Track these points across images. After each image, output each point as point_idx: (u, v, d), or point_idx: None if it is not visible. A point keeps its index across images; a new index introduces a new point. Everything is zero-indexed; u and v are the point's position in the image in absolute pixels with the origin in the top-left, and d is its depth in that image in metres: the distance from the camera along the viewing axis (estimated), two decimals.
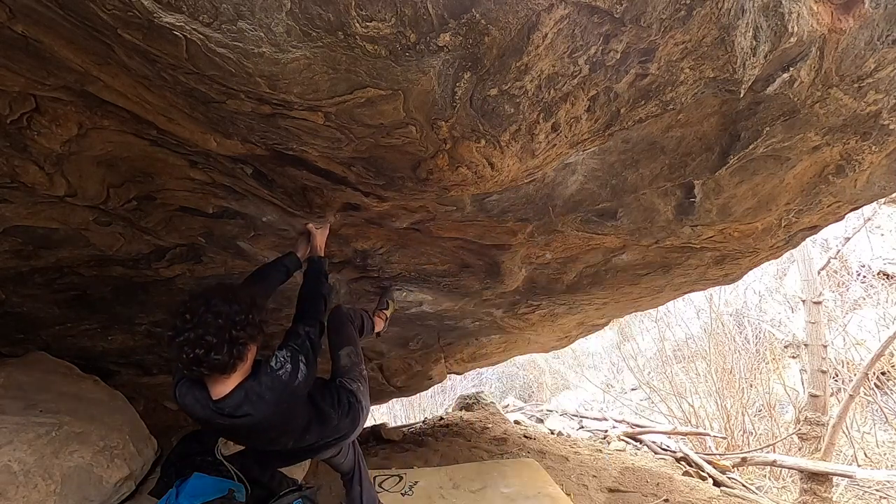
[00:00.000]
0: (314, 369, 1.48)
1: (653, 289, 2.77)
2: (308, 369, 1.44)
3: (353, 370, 1.81)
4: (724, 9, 1.05)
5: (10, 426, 1.76)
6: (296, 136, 1.20)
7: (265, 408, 1.35)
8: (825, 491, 4.63)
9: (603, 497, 3.17)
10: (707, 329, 7.67)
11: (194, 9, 0.83)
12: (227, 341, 1.23)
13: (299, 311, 1.61)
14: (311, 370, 1.46)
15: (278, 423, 1.44)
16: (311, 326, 1.53)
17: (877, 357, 4.80)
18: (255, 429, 1.40)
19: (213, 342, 1.21)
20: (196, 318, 1.22)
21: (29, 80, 1.14)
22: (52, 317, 2.35)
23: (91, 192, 1.55)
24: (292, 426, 1.51)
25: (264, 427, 1.41)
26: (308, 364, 1.44)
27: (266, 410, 1.35)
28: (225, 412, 1.31)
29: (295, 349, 1.44)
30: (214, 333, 1.22)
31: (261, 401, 1.33)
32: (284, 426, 1.48)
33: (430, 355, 3.83)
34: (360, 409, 1.70)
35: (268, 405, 1.35)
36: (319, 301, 1.64)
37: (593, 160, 1.56)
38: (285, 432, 1.52)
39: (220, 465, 2.33)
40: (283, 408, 1.40)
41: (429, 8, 0.90)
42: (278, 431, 1.49)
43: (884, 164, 1.81)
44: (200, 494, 2.07)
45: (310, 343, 1.49)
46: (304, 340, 1.48)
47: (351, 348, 1.87)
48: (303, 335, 1.49)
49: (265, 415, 1.36)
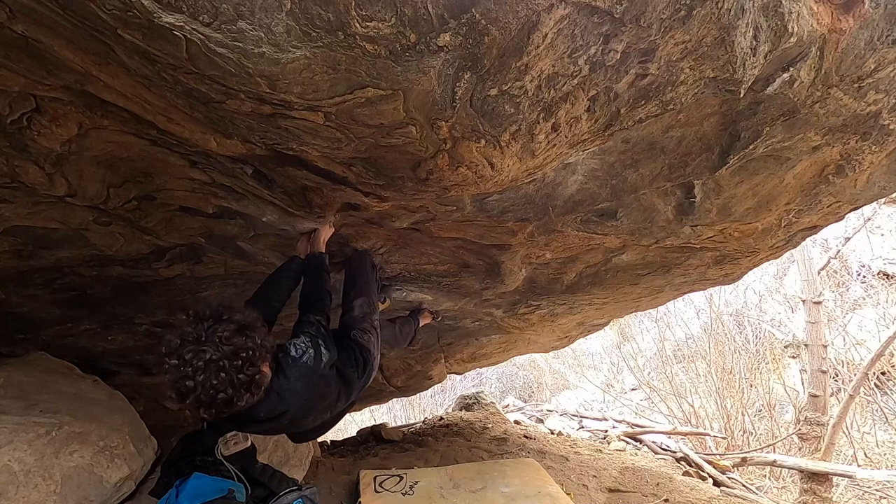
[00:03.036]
0: (334, 353, 1.48)
1: (653, 289, 2.77)
2: (330, 352, 1.44)
3: (365, 321, 1.80)
4: (724, 9, 1.05)
5: (10, 426, 1.76)
6: (296, 136, 1.20)
7: (299, 399, 1.35)
8: (825, 491, 4.63)
9: (603, 497, 3.17)
10: (707, 329, 7.66)
11: (194, 9, 0.83)
12: (239, 384, 1.14)
13: (306, 303, 1.60)
14: (333, 353, 1.46)
15: (315, 406, 1.45)
16: (319, 315, 1.52)
17: (877, 357, 4.80)
18: (295, 418, 1.40)
19: (226, 391, 1.13)
20: (196, 384, 1.10)
21: (29, 80, 1.14)
22: (52, 317, 2.35)
23: (91, 192, 1.55)
24: (327, 402, 1.52)
25: (303, 414, 1.42)
26: (328, 348, 1.44)
27: (300, 400, 1.36)
28: (262, 417, 1.29)
29: (312, 335, 1.43)
30: (221, 385, 1.12)
31: (294, 394, 1.33)
32: (320, 405, 1.49)
33: (430, 355, 3.83)
34: (372, 363, 1.70)
35: (301, 395, 1.35)
36: (324, 295, 1.64)
37: (593, 160, 1.56)
38: (323, 409, 1.53)
39: (220, 465, 2.33)
40: (315, 392, 1.41)
41: (429, 8, 0.90)
42: (317, 412, 1.50)
43: (884, 164, 1.81)
44: (200, 494, 2.08)
45: (324, 330, 1.48)
46: (318, 327, 1.47)
47: (364, 299, 1.86)
48: (315, 322, 1.48)
49: (301, 404, 1.37)
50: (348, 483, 2.88)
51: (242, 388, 1.16)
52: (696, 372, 7.47)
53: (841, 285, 7.57)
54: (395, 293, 2.58)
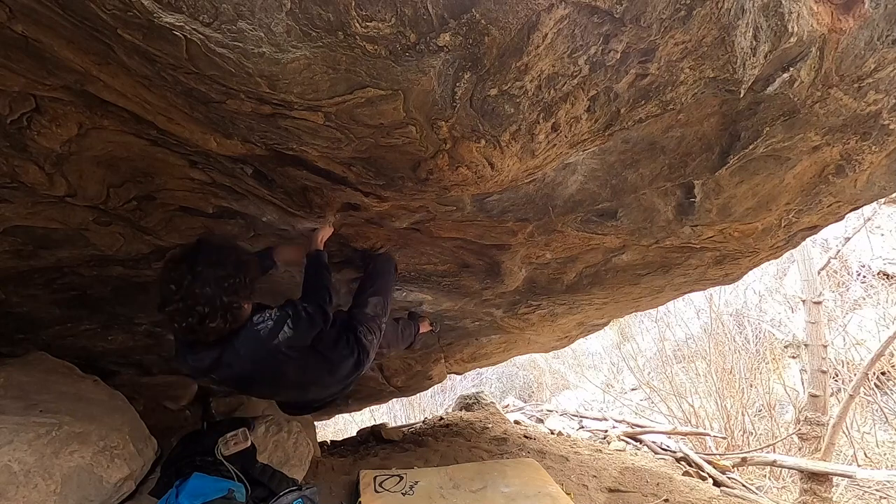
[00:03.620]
0: (302, 340, 1.46)
1: (653, 289, 2.77)
2: (294, 333, 1.41)
3: (374, 321, 1.80)
4: (724, 9, 1.05)
5: (10, 426, 1.76)
6: (296, 136, 1.20)
7: (242, 363, 1.35)
8: (825, 491, 4.63)
9: (603, 497, 3.17)
10: (707, 329, 7.66)
11: (194, 9, 0.83)
12: (220, 308, 1.23)
13: (302, 293, 1.61)
14: (298, 337, 1.43)
15: (268, 378, 1.44)
16: (309, 304, 1.51)
17: (877, 357, 4.80)
18: (245, 381, 1.42)
19: (206, 311, 1.21)
20: (182, 289, 1.20)
21: (29, 80, 1.14)
22: (52, 317, 2.35)
23: (91, 192, 1.54)
24: (289, 380, 1.50)
25: (255, 380, 1.42)
26: (295, 329, 1.42)
27: (244, 365, 1.36)
28: (205, 364, 1.34)
29: (286, 313, 1.43)
30: (205, 303, 1.21)
31: (236, 356, 1.34)
32: (277, 380, 1.48)
33: (430, 355, 3.83)
34: (364, 365, 1.70)
35: (244, 360, 1.35)
36: (322, 290, 1.62)
37: (593, 160, 1.56)
38: (285, 385, 1.52)
39: (220, 465, 2.34)
40: (263, 364, 1.39)
41: (429, 8, 0.90)
42: (273, 385, 1.50)
43: (884, 164, 1.81)
44: (200, 494, 2.08)
45: (306, 315, 1.46)
46: (300, 311, 1.46)
47: (380, 299, 1.86)
48: (299, 307, 1.47)
49: (245, 368, 1.37)
50: (348, 483, 2.88)
51: (220, 311, 1.23)
52: (696, 372, 7.47)
53: (841, 285, 7.57)
54: (394, 293, 2.58)
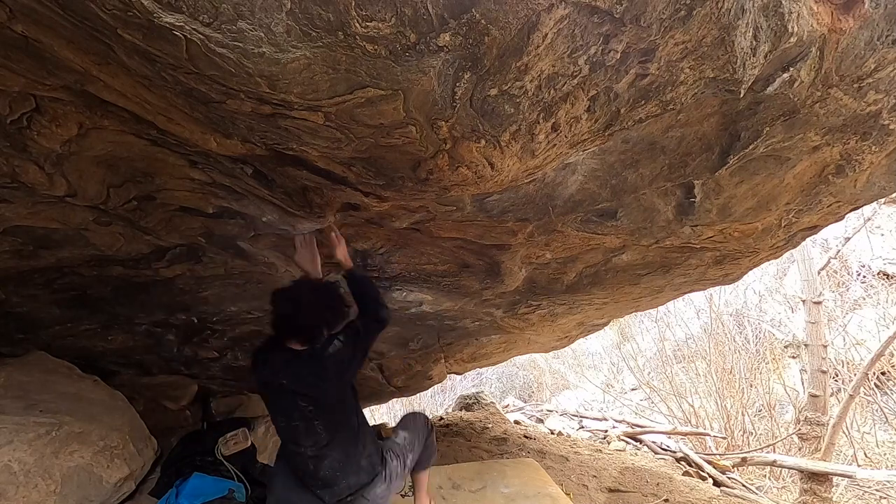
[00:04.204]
0: (348, 352, 1.69)
1: (653, 289, 2.77)
2: (343, 346, 1.67)
3: (402, 451, 1.96)
4: (724, 9, 1.05)
5: (10, 426, 1.76)
6: (296, 136, 1.20)
7: (298, 375, 1.63)
8: (825, 491, 4.63)
9: (603, 497, 3.18)
10: (707, 329, 7.67)
11: (194, 9, 0.83)
12: (333, 312, 1.68)
13: (361, 311, 1.82)
14: (346, 350, 1.68)
15: (306, 390, 1.65)
16: (364, 319, 1.79)
17: (877, 357, 4.80)
18: (293, 391, 1.65)
19: (322, 313, 1.64)
20: (299, 306, 1.61)
21: (29, 80, 1.14)
22: (52, 317, 2.35)
23: (91, 192, 1.54)
24: (323, 404, 1.68)
25: (299, 391, 1.64)
26: (344, 343, 1.68)
27: (298, 377, 1.63)
28: (277, 369, 1.64)
29: (343, 335, 1.71)
30: (321, 304, 1.63)
31: (300, 366, 1.63)
32: (315, 395, 1.66)
33: (430, 355, 3.83)
34: (385, 471, 1.83)
35: (299, 373, 1.63)
36: (378, 302, 1.85)
37: (593, 160, 1.56)
38: (315, 403, 1.68)
39: (220, 465, 2.34)
40: (313, 374, 1.64)
41: (429, 8, 0.90)
42: (307, 398, 1.67)
43: (884, 164, 1.81)
44: (200, 494, 2.08)
45: (355, 333, 1.74)
46: (355, 330, 1.74)
47: (412, 437, 2.05)
48: (354, 327, 1.75)
49: (297, 380, 1.64)
50: None
51: (330, 313, 1.68)
52: (696, 372, 7.48)
53: (841, 285, 7.57)
54: (394, 293, 2.58)
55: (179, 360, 3.15)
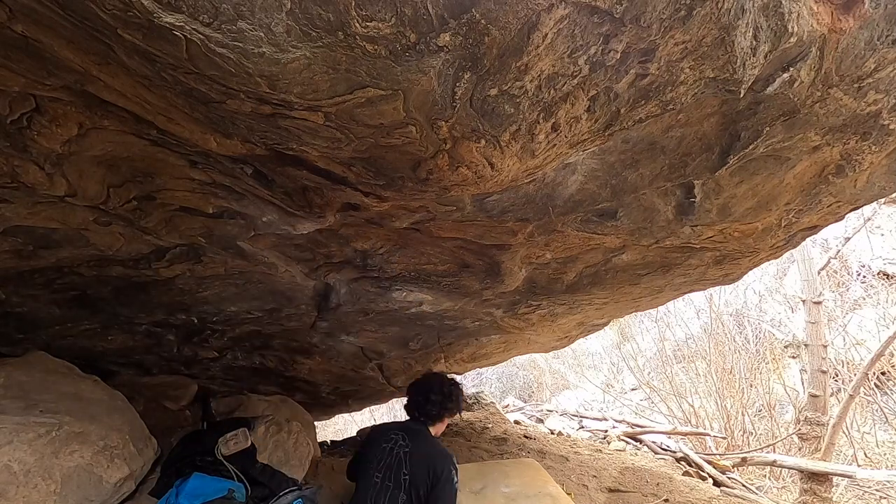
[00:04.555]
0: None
1: (653, 289, 2.77)
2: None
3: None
4: (724, 9, 1.05)
5: (10, 426, 1.76)
6: (296, 136, 1.20)
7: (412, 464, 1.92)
8: (825, 491, 4.63)
9: (603, 497, 3.18)
10: (707, 329, 7.67)
11: (194, 9, 0.83)
12: (452, 403, 2.15)
13: None
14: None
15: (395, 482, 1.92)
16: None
17: (877, 357, 4.80)
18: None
19: (439, 410, 2.12)
20: (440, 391, 2.14)
21: (29, 80, 1.14)
22: (52, 317, 2.35)
23: (91, 192, 1.54)
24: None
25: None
26: None
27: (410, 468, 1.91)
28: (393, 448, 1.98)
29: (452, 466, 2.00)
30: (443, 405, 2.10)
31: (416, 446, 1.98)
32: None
33: (430, 355, 3.83)
34: None
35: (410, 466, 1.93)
36: None
37: (593, 160, 1.56)
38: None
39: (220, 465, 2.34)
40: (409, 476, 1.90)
41: (429, 8, 0.90)
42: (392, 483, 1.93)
43: (884, 164, 1.81)
44: (200, 494, 2.08)
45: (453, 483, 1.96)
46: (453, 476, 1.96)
47: None
48: (454, 474, 1.97)
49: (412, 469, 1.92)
50: (348, 483, 2.88)
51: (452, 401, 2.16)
52: (696, 372, 7.48)
53: (841, 285, 7.57)
54: (394, 293, 2.57)
55: (179, 360, 3.15)
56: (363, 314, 2.81)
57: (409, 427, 2.09)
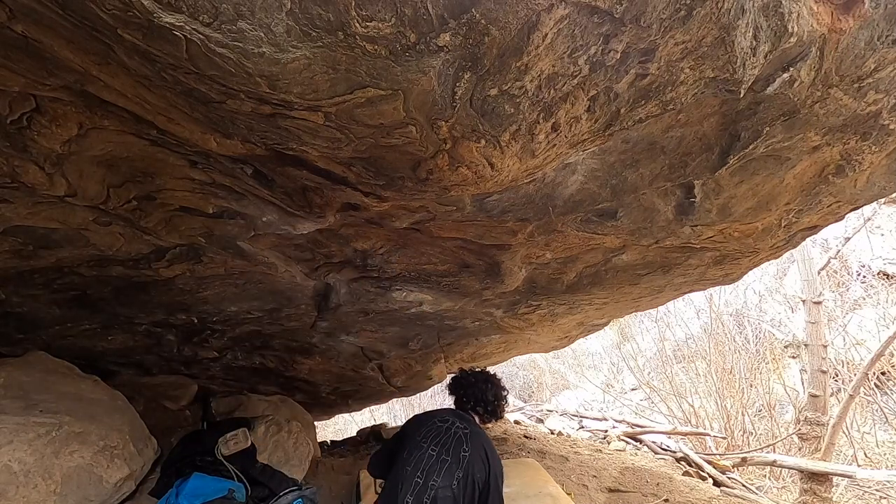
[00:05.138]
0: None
1: (653, 289, 2.77)
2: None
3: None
4: (724, 9, 1.05)
5: (10, 426, 1.76)
6: (296, 136, 1.20)
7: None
8: (825, 491, 4.63)
9: (603, 497, 3.18)
10: (707, 329, 7.67)
11: (194, 9, 0.83)
12: (490, 411, 2.06)
13: None
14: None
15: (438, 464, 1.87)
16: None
17: (877, 357, 4.80)
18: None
19: (487, 406, 2.03)
20: (488, 387, 2.07)
21: (29, 80, 1.14)
22: (52, 317, 2.35)
23: (91, 192, 1.55)
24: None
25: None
26: None
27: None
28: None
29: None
30: (486, 402, 2.03)
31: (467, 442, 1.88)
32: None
33: (430, 355, 3.83)
34: None
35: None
36: None
37: (593, 160, 1.56)
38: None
39: (220, 465, 2.34)
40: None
41: (429, 8, 0.90)
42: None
43: (884, 164, 1.81)
44: (200, 494, 2.08)
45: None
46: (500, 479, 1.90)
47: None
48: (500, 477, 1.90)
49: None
50: (348, 483, 2.88)
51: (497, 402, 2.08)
52: (696, 372, 7.48)
53: (841, 285, 7.57)
54: (394, 293, 2.58)
55: (179, 360, 3.15)
56: (363, 314, 2.81)
57: (461, 414, 2.03)
